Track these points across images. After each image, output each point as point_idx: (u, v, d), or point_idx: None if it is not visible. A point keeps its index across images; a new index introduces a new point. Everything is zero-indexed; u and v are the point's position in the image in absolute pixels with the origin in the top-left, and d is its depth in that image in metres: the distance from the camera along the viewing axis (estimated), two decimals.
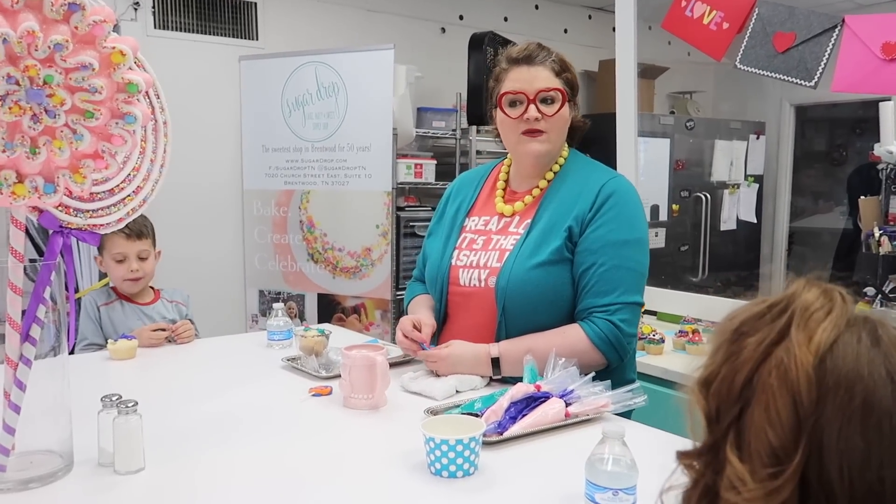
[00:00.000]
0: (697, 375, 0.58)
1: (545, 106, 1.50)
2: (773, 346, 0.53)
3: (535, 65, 1.50)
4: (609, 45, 2.98)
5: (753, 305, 0.58)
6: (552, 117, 1.50)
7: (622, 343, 1.43)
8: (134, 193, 1.15)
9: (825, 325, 0.52)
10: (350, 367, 1.38)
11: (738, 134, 4.75)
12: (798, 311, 0.54)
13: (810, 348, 0.51)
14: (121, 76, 0.95)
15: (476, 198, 1.67)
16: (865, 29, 2.05)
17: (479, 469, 1.09)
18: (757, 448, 0.51)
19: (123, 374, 1.69)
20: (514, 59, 1.52)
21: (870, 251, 3.09)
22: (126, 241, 2.00)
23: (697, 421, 0.58)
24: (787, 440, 0.50)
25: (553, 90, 1.49)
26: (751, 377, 0.53)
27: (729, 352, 0.56)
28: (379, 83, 3.41)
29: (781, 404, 0.51)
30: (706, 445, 0.56)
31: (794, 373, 0.51)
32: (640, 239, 1.49)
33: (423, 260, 1.73)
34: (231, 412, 1.38)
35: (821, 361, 0.51)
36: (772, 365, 0.52)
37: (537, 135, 1.51)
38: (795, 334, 0.53)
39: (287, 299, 3.68)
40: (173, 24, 3.51)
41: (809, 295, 0.55)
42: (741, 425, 0.53)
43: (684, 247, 4.56)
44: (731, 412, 0.54)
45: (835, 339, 0.52)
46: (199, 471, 1.12)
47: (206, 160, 3.64)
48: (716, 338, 0.59)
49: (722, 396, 0.55)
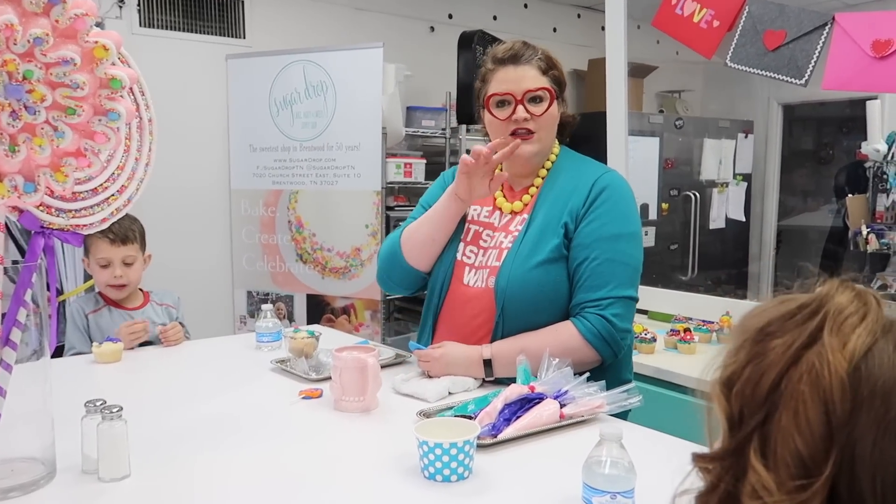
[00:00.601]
0: (718, 375, 0.56)
1: (533, 106, 1.48)
2: (803, 349, 0.51)
3: (522, 64, 1.48)
4: (598, 44, 2.97)
5: (780, 304, 0.55)
6: (541, 117, 1.49)
7: (615, 338, 1.41)
8: (118, 193, 1.12)
9: (860, 331, 0.50)
10: (341, 370, 1.36)
11: (727, 133, 4.76)
12: (831, 315, 0.52)
13: (844, 354, 0.49)
14: (104, 71, 0.92)
15: None
16: (856, 27, 2.05)
17: (474, 473, 1.07)
18: (784, 456, 0.49)
19: (109, 378, 1.66)
20: (500, 59, 1.50)
21: (857, 249, 3.11)
22: (110, 245, 1.95)
23: (715, 422, 0.55)
24: (816, 449, 0.48)
25: (541, 89, 1.48)
26: (779, 381, 0.51)
27: (753, 352, 0.54)
28: (368, 82, 3.38)
29: (812, 411, 0.49)
30: (727, 449, 0.53)
31: (827, 379, 0.49)
32: (633, 233, 1.48)
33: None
34: (219, 416, 1.35)
35: (855, 369, 0.49)
36: (802, 369, 0.50)
37: (527, 136, 1.49)
38: (828, 339, 0.50)
39: (276, 300, 3.64)
40: (159, 23, 3.47)
41: (843, 298, 0.53)
42: (766, 430, 0.51)
43: (674, 245, 4.56)
44: (756, 416, 0.51)
45: (870, 347, 0.50)
46: (187, 477, 1.09)
47: (192, 160, 3.60)
48: (737, 335, 0.56)
49: (746, 399, 0.52)
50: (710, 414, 0.56)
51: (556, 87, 1.51)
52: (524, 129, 1.49)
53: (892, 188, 3.02)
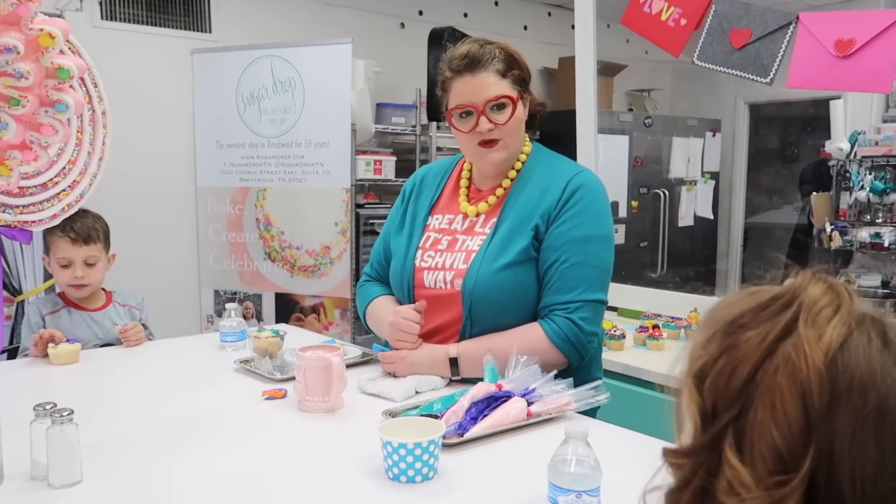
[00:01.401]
0: (688, 367, 0.54)
1: (496, 114, 1.44)
2: (778, 340, 0.50)
3: (479, 72, 1.42)
4: (569, 43, 2.97)
5: (750, 296, 0.54)
6: (505, 125, 1.44)
7: (582, 342, 1.40)
8: (69, 188, 1.09)
9: (835, 323, 0.49)
10: (305, 369, 1.33)
11: (695, 131, 4.81)
12: (805, 306, 0.50)
13: (821, 346, 0.48)
14: (50, 61, 0.88)
15: (439, 194, 1.61)
16: (819, 26, 2.07)
17: (439, 473, 1.05)
18: (761, 450, 0.48)
19: (64, 381, 1.60)
20: (456, 68, 1.44)
21: (822, 246, 3.16)
22: (72, 245, 1.86)
23: (683, 416, 0.54)
24: (795, 443, 0.47)
25: (502, 98, 1.43)
26: (754, 373, 0.49)
27: (725, 344, 0.52)
28: (337, 78, 3.34)
29: (790, 404, 0.47)
30: (700, 444, 0.52)
31: (805, 371, 0.48)
32: (604, 235, 1.46)
33: (381, 257, 1.67)
34: (178, 418, 1.31)
35: (832, 362, 0.48)
36: (779, 361, 0.49)
37: (493, 144, 1.46)
38: (804, 330, 0.49)
39: (243, 299, 3.59)
40: (121, 16, 3.39)
41: (816, 290, 0.52)
42: (741, 424, 0.49)
43: (643, 243, 4.60)
44: (731, 410, 0.50)
45: (845, 339, 0.49)
46: (141, 482, 1.05)
47: (157, 156, 3.53)
48: (707, 327, 0.55)
49: (719, 391, 0.51)
50: (678, 408, 0.55)
51: (520, 86, 1.46)
52: (489, 139, 1.45)
53: (855, 186, 3.08)
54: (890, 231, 2.95)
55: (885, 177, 2.97)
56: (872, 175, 3.01)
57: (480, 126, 1.43)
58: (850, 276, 3.12)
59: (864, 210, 3.03)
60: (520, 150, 1.53)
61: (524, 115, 1.50)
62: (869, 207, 3.01)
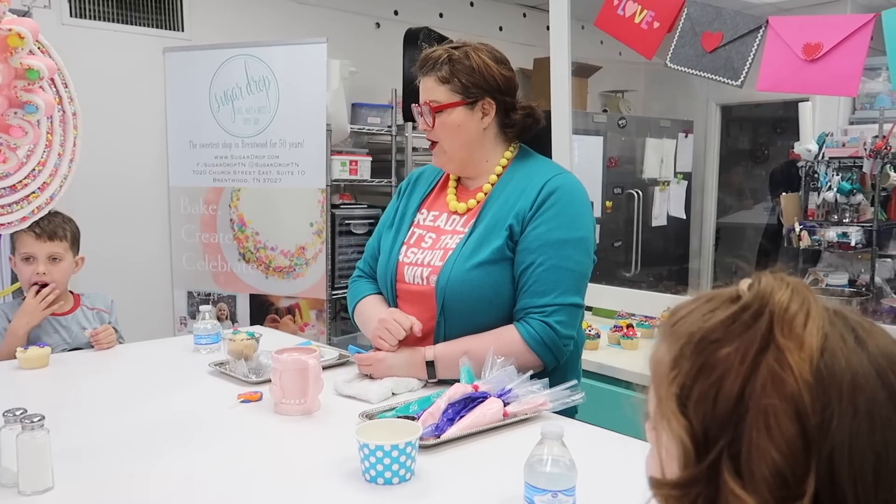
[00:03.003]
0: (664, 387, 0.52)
1: (427, 118, 1.51)
2: (758, 355, 0.48)
3: (424, 75, 1.50)
4: (543, 44, 2.99)
5: (707, 302, 0.52)
6: (433, 129, 1.51)
7: (558, 345, 1.41)
8: (39, 190, 1.07)
9: (811, 328, 0.48)
10: (281, 372, 1.32)
11: (668, 132, 4.87)
12: (777, 315, 0.49)
13: (803, 356, 0.47)
14: (19, 61, 0.87)
15: (430, 191, 1.64)
16: (788, 30, 2.11)
17: (416, 474, 1.06)
18: (762, 473, 0.46)
19: (34, 385, 1.57)
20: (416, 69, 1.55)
21: (791, 245, 3.22)
22: (35, 240, 1.86)
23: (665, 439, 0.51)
24: (796, 461, 0.45)
25: (426, 103, 1.49)
26: (741, 393, 0.47)
27: (700, 362, 0.50)
28: (311, 78, 3.32)
29: (785, 421, 0.45)
30: (697, 474, 0.49)
31: (794, 385, 0.46)
32: (581, 238, 1.45)
33: (375, 252, 1.67)
34: (152, 423, 1.30)
35: (817, 370, 0.46)
36: (765, 377, 0.47)
37: (433, 146, 1.54)
38: (783, 341, 0.47)
39: (217, 300, 3.55)
40: (91, 13, 3.33)
41: (783, 295, 0.50)
42: (737, 449, 0.47)
43: (618, 243, 4.64)
44: (725, 435, 0.47)
45: (823, 344, 0.47)
46: (114, 488, 1.04)
47: (129, 156, 3.47)
48: (670, 340, 0.53)
49: (708, 416, 0.48)
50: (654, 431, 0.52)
51: (465, 94, 1.46)
52: (430, 140, 1.54)
53: (823, 187, 3.14)
54: (856, 231, 3.01)
55: (851, 178, 3.03)
56: (840, 176, 3.07)
57: (420, 126, 1.54)
58: (819, 274, 3.18)
59: (831, 210, 3.09)
60: (468, 154, 1.53)
61: (470, 120, 1.49)
62: (836, 207, 3.07)
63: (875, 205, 2.95)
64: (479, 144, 1.53)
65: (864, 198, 3.00)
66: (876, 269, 2.99)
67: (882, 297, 2.97)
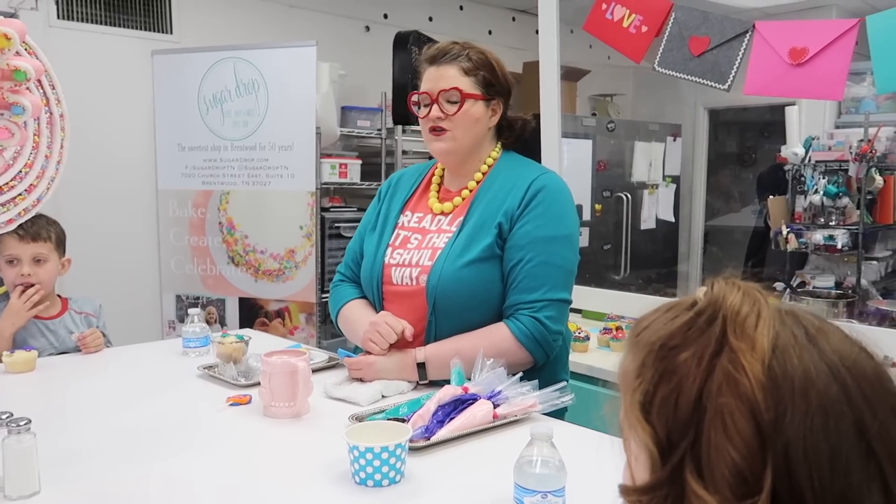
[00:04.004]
0: (629, 397, 0.53)
1: (448, 105, 1.49)
2: (713, 358, 0.49)
3: (443, 64, 1.50)
4: (533, 48, 3.00)
5: (667, 311, 0.54)
6: (454, 116, 1.49)
7: (548, 340, 1.42)
8: (26, 192, 1.06)
9: (762, 329, 0.50)
10: (270, 375, 1.32)
11: (657, 136, 4.89)
12: (729, 318, 0.50)
13: (755, 356, 0.48)
14: (5, 62, 0.86)
15: (412, 194, 1.65)
16: (774, 35, 2.13)
17: (406, 476, 1.05)
18: (722, 472, 0.47)
19: (20, 389, 1.56)
20: (426, 58, 1.53)
21: (778, 248, 3.25)
22: (19, 241, 1.82)
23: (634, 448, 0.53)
24: (753, 459, 0.47)
25: (452, 90, 1.48)
26: (699, 396, 0.49)
27: (661, 369, 0.51)
28: (301, 80, 3.32)
29: (741, 421, 0.47)
30: (662, 478, 0.50)
31: (748, 385, 0.47)
32: (568, 235, 1.49)
33: (356, 256, 1.67)
34: (140, 426, 1.29)
35: (769, 368, 0.48)
36: (720, 379, 0.48)
37: (440, 133, 1.51)
38: (736, 343, 0.49)
39: (206, 304, 3.53)
40: (79, 15, 3.31)
41: (734, 298, 0.52)
42: (698, 450, 0.49)
43: (607, 245, 4.66)
44: (686, 438, 0.49)
45: (774, 342, 0.49)
46: (101, 492, 1.03)
47: (117, 159, 3.45)
48: (634, 350, 0.54)
49: (669, 421, 0.50)
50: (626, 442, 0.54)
51: (485, 89, 1.51)
52: (438, 128, 1.51)
53: (810, 190, 3.16)
54: (842, 234, 3.04)
55: (837, 181, 3.06)
56: (826, 179, 3.09)
57: (431, 113, 1.50)
58: (806, 277, 3.21)
59: (818, 213, 3.11)
60: (470, 148, 1.55)
61: (485, 116, 1.53)
62: (823, 211, 3.09)
63: (861, 208, 2.98)
64: (482, 142, 1.56)
65: (850, 201, 3.03)
66: (862, 271, 3.01)
67: (868, 299, 3.00)
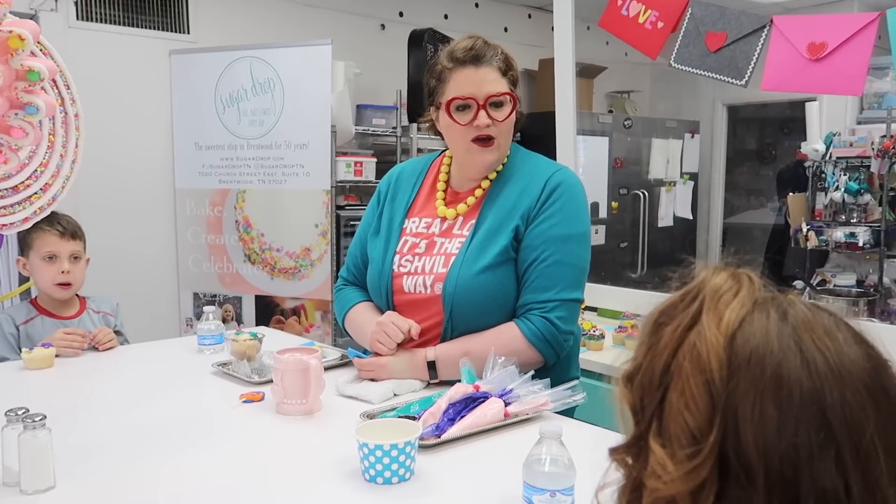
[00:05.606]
0: (623, 370, 0.58)
1: (495, 111, 1.42)
2: (686, 331, 0.53)
3: (483, 66, 1.41)
4: (548, 45, 2.98)
5: (670, 297, 0.58)
6: (502, 123, 1.43)
7: (558, 340, 1.41)
8: (41, 191, 1.08)
9: (733, 306, 0.53)
10: (282, 372, 1.32)
11: (674, 133, 4.85)
12: (709, 296, 0.54)
13: (720, 329, 0.52)
14: (20, 63, 0.87)
15: (415, 197, 1.59)
16: (792, 29, 2.10)
17: (416, 474, 1.05)
18: (676, 432, 0.51)
19: (38, 385, 1.58)
20: (460, 59, 1.42)
21: (798, 246, 3.20)
22: (59, 238, 1.83)
23: (627, 416, 0.57)
24: (702, 420, 0.50)
25: (503, 94, 1.42)
26: (668, 364, 0.53)
27: (649, 343, 0.56)
28: (316, 79, 3.33)
29: (695, 386, 0.51)
30: (633, 438, 0.56)
31: (706, 355, 0.51)
32: (583, 233, 1.47)
33: (357, 260, 1.65)
34: (154, 422, 1.30)
35: (731, 339, 0.51)
36: (685, 349, 0.53)
37: (488, 143, 1.43)
38: (706, 318, 0.53)
39: (223, 302, 3.56)
40: (98, 16, 3.35)
41: (718, 279, 0.55)
42: (661, 412, 0.53)
43: (623, 243, 4.63)
44: (654, 402, 0.54)
45: (744, 318, 0.52)
46: (117, 487, 1.05)
47: (135, 158, 3.49)
48: (640, 332, 0.59)
49: (644, 387, 0.55)
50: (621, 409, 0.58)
51: (514, 88, 1.46)
52: (485, 136, 1.43)
53: (830, 187, 3.12)
54: (864, 231, 2.99)
55: (859, 177, 3.01)
56: (847, 176, 3.04)
57: (479, 120, 1.42)
58: (826, 275, 3.16)
59: (839, 210, 3.07)
60: (507, 153, 1.52)
61: (514, 119, 1.48)
62: (844, 208, 3.05)
63: (883, 205, 2.93)
64: (510, 143, 1.52)
65: (871, 198, 2.98)
66: (884, 269, 2.96)
67: (890, 298, 2.95)
